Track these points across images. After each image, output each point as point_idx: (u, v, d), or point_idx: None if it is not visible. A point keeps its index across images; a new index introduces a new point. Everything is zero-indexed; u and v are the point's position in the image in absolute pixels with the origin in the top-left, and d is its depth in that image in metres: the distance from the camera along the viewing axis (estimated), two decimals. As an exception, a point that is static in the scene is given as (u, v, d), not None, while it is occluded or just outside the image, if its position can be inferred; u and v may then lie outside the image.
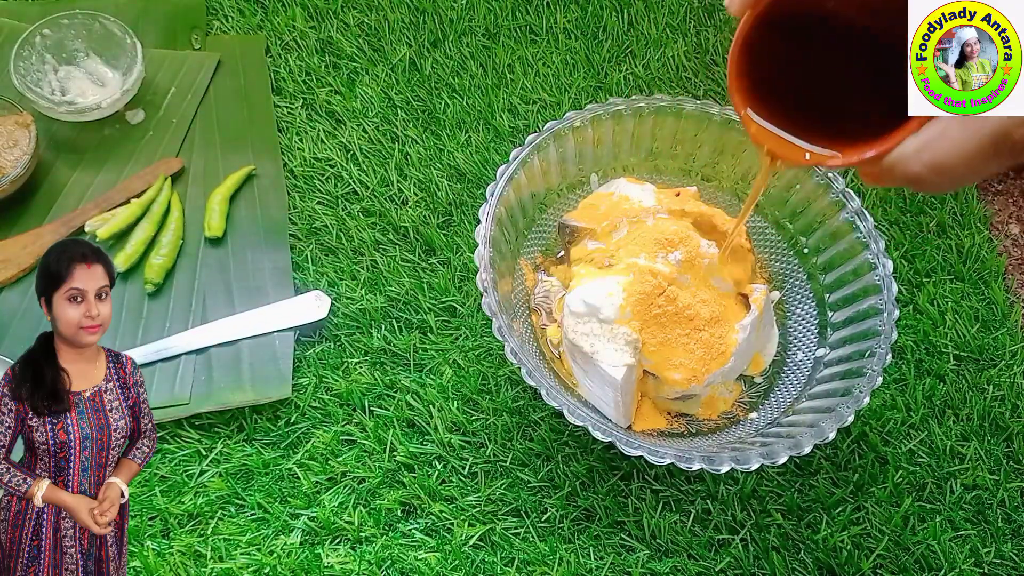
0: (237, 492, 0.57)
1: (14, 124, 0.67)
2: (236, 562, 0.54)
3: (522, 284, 0.62)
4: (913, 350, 0.65)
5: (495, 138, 0.73)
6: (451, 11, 0.80)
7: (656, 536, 0.57)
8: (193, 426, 0.59)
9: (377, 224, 0.68)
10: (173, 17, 0.79)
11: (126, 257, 0.65)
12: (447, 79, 0.76)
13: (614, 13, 0.81)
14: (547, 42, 0.79)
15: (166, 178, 0.69)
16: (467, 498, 0.58)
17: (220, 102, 0.74)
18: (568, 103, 0.76)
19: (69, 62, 0.73)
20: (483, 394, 0.62)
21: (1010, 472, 0.61)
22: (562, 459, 0.59)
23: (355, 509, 0.57)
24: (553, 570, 0.55)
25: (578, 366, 0.58)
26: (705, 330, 0.55)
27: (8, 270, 0.64)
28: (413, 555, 0.55)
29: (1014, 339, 0.66)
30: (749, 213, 0.54)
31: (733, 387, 0.60)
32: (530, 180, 0.61)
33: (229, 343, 0.62)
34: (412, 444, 0.59)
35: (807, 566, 0.56)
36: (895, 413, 0.62)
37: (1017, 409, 0.63)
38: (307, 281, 0.66)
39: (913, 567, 0.57)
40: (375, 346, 0.63)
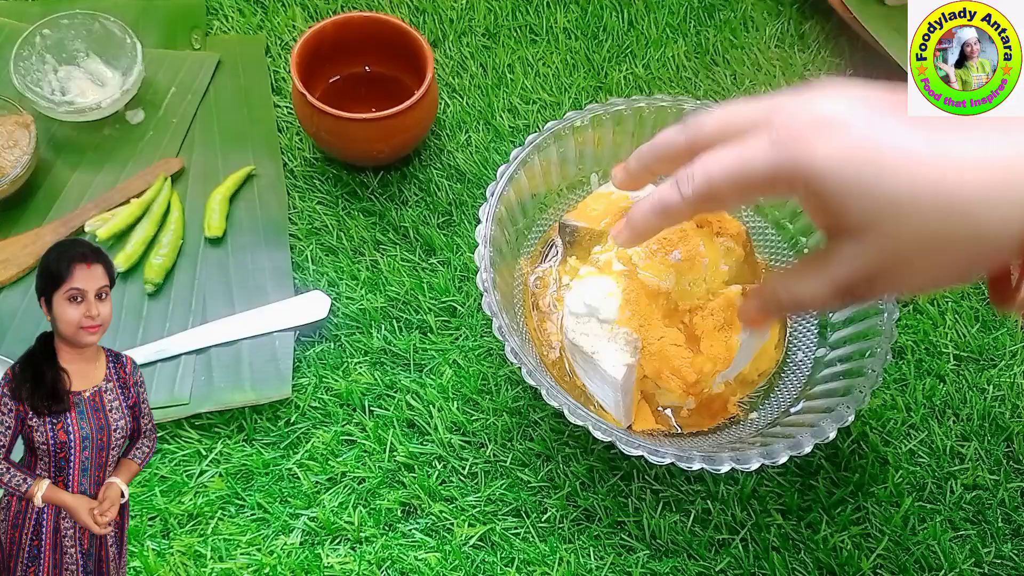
0: (237, 492, 0.57)
1: (14, 124, 0.67)
2: (236, 562, 0.54)
3: (522, 284, 0.62)
4: (913, 350, 0.65)
5: (495, 138, 0.73)
6: (451, 11, 0.80)
7: (656, 536, 0.57)
8: (193, 426, 0.59)
9: (377, 224, 0.68)
10: (173, 17, 0.79)
11: (126, 257, 0.65)
12: (447, 79, 0.76)
13: (614, 13, 0.81)
14: (547, 42, 0.79)
15: (166, 178, 0.69)
16: (467, 498, 0.58)
17: (220, 102, 0.74)
18: (568, 103, 0.76)
19: (69, 62, 0.73)
20: (483, 394, 0.62)
21: (1010, 472, 0.61)
22: (562, 459, 0.59)
23: (355, 509, 0.57)
24: (553, 570, 0.55)
25: (579, 365, 0.58)
26: (705, 337, 0.55)
27: (8, 270, 0.64)
28: (413, 555, 0.55)
29: (1014, 339, 0.66)
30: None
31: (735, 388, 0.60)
32: (530, 180, 0.61)
33: (229, 343, 0.62)
34: (412, 444, 0.59)
35: (807, 566, 0.56)
36: (895, 413, 0.62)
37: (1017, 409, 0.63)
38: (307, 281, 0.66)
39: (913, 567, 0.57)
40: (375, 346, 0.63)
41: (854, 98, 0.40)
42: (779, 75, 0.79)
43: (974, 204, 0.36)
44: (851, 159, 0.38)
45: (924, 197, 0.37)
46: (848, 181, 0.38)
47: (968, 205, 0.36)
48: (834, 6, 0.79)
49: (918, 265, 0.39)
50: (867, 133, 0.38)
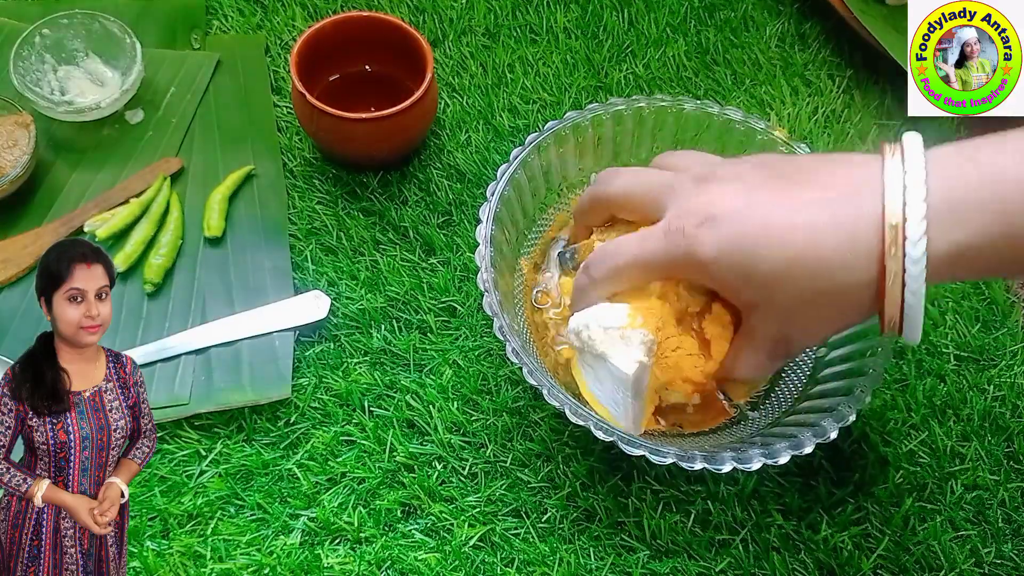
0: (237, 492, 0.57)
1: (13, 124, 0.67)
2: (236, 562, 0.54)
3: (522, 284, 0.62)
4: (914, 350, 0.65)
5: (495, 138, 0.73)
6: (451, 11, 0.80)
7: (656, 536, 0.57)
8: (193, 426, 0.59)
9: (377, 224, 0.68)
10: (173, 17, 0.79)
11: (126, 257, 0.65)
12: (447, 79, 0.76)
13: (614, 13, 0.81)
14: (547, 42, 0.79)
15: (165, 178, 0.69)
16: (467, 499, 0.58)
17: (220, 102, 0.74)
18: (568, 103, 0.76)
19: (69, 62, 0.73)
20: (483, 394, 0.62)
21: (1011, 472, 0.61)
22: (562, 459, 0.59)
23: (355, 510, 0.57)
24: (553, 570, 0.55)
25: (586, 366, 0.55)
26: (714, 340, 0.54)
27: (8, 270, 0.64)
28: (413, 556, 0.55)
29: (1015, 339, 0.66)
30: None
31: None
32: (530, 180, 0.61)
33: (229, 343, 0.62)
34: (412, 444, 0.59)
35: (807, 566, 0.56)
36: (896, 413, 0.62)
37: (1018, 409, 0.63)
38: (307, 281, 0.66)
39: (913, 567, 0.57)
40: (375, 346, 0.63)
41: (734, 183, 0.46)
42: (779, 75, 0.79)
43: (833, 266, 0.42)
44: (731, 251, 0.44)
45: (796, 268, 0.43)
46: (734, 268, 0.45)
47: (829, 268, 0.43)
48: (834, 6, 0.79)
49: (809, 322, 0.46)
50: (742, 224, 0.44)
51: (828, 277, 0.43)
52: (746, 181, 0.46)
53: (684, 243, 0.46)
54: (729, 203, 0.45)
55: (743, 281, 0.46)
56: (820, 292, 0.44)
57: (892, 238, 0.41)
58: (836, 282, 0.43)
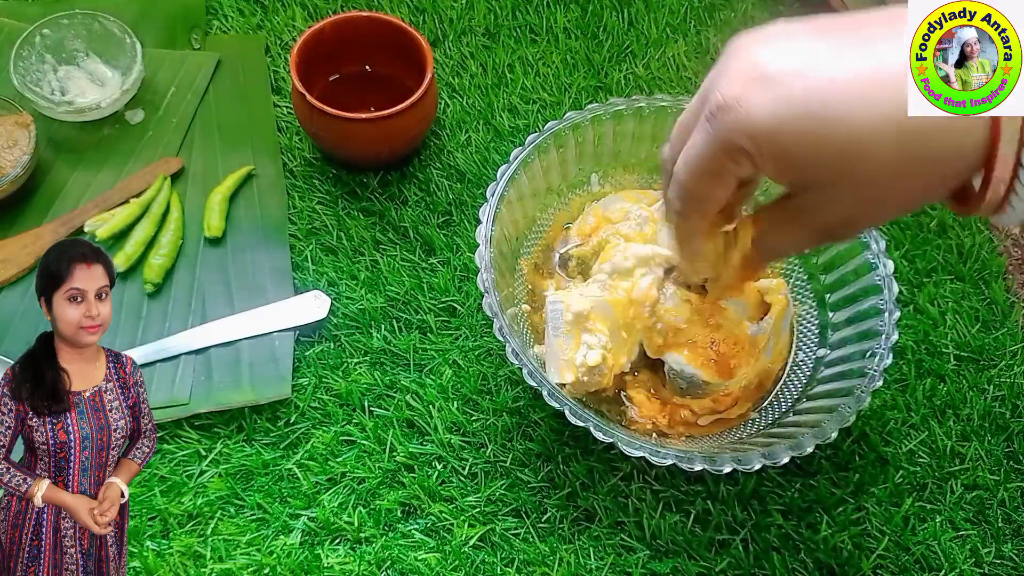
0: (237, 492, 0.57)
1: (13, 124, 0.67)
2: (236, 562, 0.54)
3: (522, 284, 0.62)
4: (914, 350, 0.65)
5: (495, 138, 0.73)
6: (451, 11, 0.80)
7: (656, 536, 0.57)
8: (193, 426, 0.59)
9: (377, 224, 0.68)
10: (173, 17, 0.79)
11: (126, 257, 0.65)
12: (447, 79, 0.76)
13: (614, 13, 0.81)
14: (547, 42, 0.79)
15: (165, 178, 0.69)
16: (467, 498, 0.58)
17: (220, 102, 0.74)
18: (568, 103, 0.76)
19: (69, 62, 0.73)
20: (483, 394, 0.62)
21: (1010, 472, 0.61)
22: (562, 459, 0.59)
23: (355, 509, 0.57)
24: (553, 570, 0.55)
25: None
26: (738, 368, 0.55)
27: (8, 270, 0.64)
28: (413, 555, 0.55)
29: (1014, 339, 0.66)
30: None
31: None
32: (530, 180, 0.61)
33: (229, 343, 0.62)
34: (412, 444, 0.59)
35: (807, 566, 0.56)
36: (896, 413, 0.62)
37: (1017, 409, 0.63)
38: (307, 281, 0.66)
39: (913, 567, 0.57)
40: (375, 346, 0.63)
41: (781, 40, 0.38)
42: (779, 75, 0.79)
43: (936, 126, 0.35)
44: (795, 114, 0.36)
45: (884, 131, 0.35)
46: (800, 137, 0.36)
47: (930, 129, 0.35)
48: (834, 6, 0.79)
49: (891, 197, 0.37)
50: (804, 79, 0.36)
51: (923, 141, 0.35)
52: (798, 37, 0.38)
53: (730, 117, 0.37)
54: (782, 59, 0.36)
55: (815, 152, 0.36)
56: (914, 160, 0.35)
57: None
58: (934, 147, 0.35)
